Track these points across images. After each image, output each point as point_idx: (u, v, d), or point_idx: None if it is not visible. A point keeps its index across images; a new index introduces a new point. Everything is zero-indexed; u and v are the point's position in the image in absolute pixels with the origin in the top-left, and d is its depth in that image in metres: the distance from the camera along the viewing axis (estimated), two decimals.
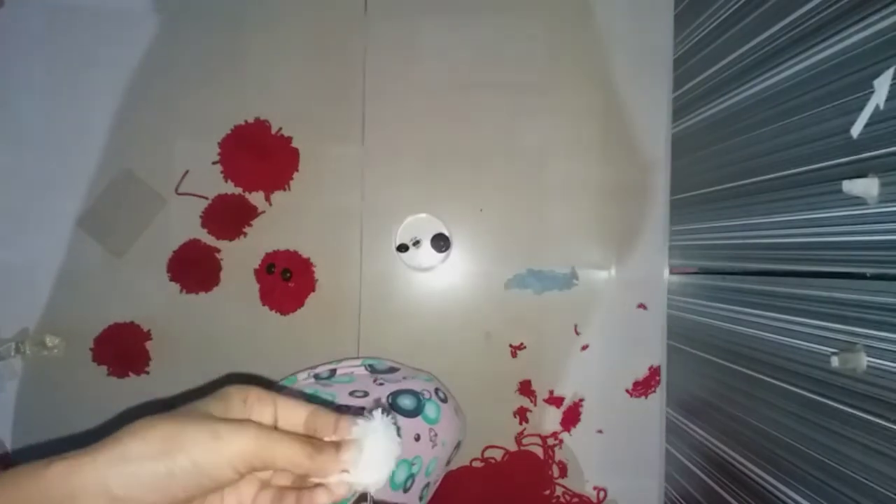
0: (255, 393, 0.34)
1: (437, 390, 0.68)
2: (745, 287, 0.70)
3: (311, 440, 0.33)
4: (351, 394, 0.63)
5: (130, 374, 0.87)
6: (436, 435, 0.63)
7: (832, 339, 0.54)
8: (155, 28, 0.88)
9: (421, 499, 0.62)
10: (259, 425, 0.32)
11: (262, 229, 0.89)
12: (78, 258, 0.87)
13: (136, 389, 0.86)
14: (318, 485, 0.34)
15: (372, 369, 0.73)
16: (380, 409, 0.34)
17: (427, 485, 0.63)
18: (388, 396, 0.63)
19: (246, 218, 0.88)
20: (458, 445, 0.69)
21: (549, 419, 0.92)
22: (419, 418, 0.63)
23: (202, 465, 0.29)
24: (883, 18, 0.48)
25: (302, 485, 0.35)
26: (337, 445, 0.33)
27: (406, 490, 0.59)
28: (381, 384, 0.66)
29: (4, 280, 0.86)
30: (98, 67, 0.88)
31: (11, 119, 0.87)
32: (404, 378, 0.69)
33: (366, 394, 0.63)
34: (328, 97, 0.90)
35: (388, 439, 0.33)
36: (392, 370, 0.74)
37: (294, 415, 0.34)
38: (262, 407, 0.34)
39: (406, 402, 0.64)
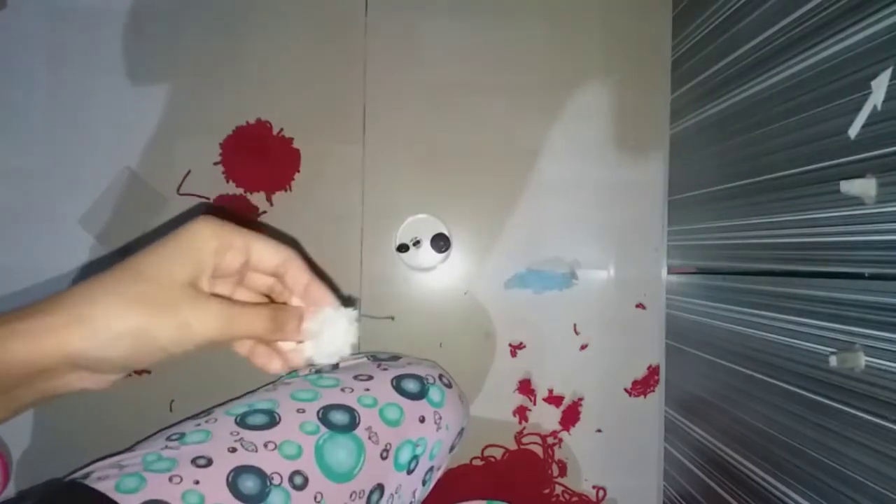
0: (227, 238, 0.33)
1: (440, 376, 0.68)
2: (743, 287, 0.71)
3: (275, 305, 0.35)
4: (355, 377, 0.63)
5: (132, 372, 0.87)
6: (440, 418, 0.63)
7: (831, 338, 0.54)
8: (157, 29, 0.89)
9: (424, 483, 0.62)
10: (223, 305, 0.32)
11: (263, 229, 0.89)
12: (81, 258, 0.87)
13: (137, 387, 0.86)
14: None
15: (374, 358, 0.73)
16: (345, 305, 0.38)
17: (430, 469, 0.63)
18: (392, 379, 0.64)
19: (247, 218, 0.88)
20: (461, 432, 0.69)
21: (549, 418, 0.92)
22: (424, 401, 0.63)
23: (170, 350, 0.31)
24: (881, 20, 0.48)
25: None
26: (300, 314, 0.36)
27: (410, 472, 0.59)
28: (385, 369, 0.66)
29: (7, 280, 0.86)
30: (100, 68, 0.88)
31: (14, 119, 0.87)
32: (408, 364, 0.69)
33: (370, 377, 0.63)
34: (329, 98, 0.91)
35: (347, 328, 0.37)
36: (395, 358, 0.75)
37: (267, 259, 0.35)
38: (235, 254, 0.34)
39: (410, 385, 0.64)
